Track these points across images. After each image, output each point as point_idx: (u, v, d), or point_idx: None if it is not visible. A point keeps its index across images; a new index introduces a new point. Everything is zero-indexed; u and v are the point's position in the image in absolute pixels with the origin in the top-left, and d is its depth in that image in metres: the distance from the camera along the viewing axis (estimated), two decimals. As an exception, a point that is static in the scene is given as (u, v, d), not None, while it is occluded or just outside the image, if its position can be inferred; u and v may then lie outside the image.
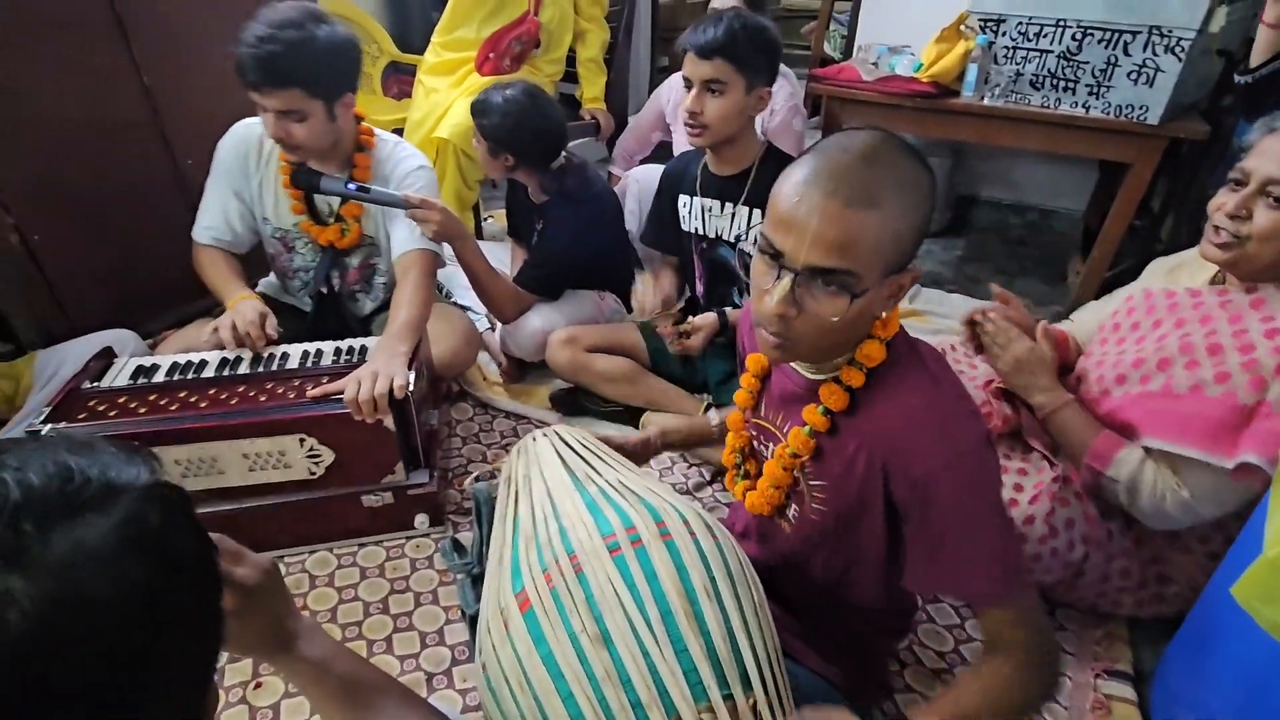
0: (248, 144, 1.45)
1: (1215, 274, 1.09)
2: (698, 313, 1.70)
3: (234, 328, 1.33)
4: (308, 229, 1.50)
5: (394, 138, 1.53)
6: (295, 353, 1.37)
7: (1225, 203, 0.99)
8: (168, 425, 1.17)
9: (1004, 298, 1.24)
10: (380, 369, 1.20)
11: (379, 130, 1.51)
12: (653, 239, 1.78)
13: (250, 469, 1.22)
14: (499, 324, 1.82)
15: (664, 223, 1.69)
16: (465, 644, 1.16)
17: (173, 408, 1.21)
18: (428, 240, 1.44)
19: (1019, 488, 1.13)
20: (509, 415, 1.74)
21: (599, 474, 0.93)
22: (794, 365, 0.89)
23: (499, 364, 1.87)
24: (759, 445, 1.02)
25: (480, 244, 1.66)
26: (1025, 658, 0.77)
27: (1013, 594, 0.78)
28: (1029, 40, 1.89)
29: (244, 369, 1.32)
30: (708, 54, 1.36)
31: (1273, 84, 1.45)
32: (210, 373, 1.31)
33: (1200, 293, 1.06)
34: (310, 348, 1.39)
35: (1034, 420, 1.18)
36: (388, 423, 1.21)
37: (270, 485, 1.25)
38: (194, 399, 1.23)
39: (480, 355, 1.86)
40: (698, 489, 1.50)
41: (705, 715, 0.68)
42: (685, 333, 1.53)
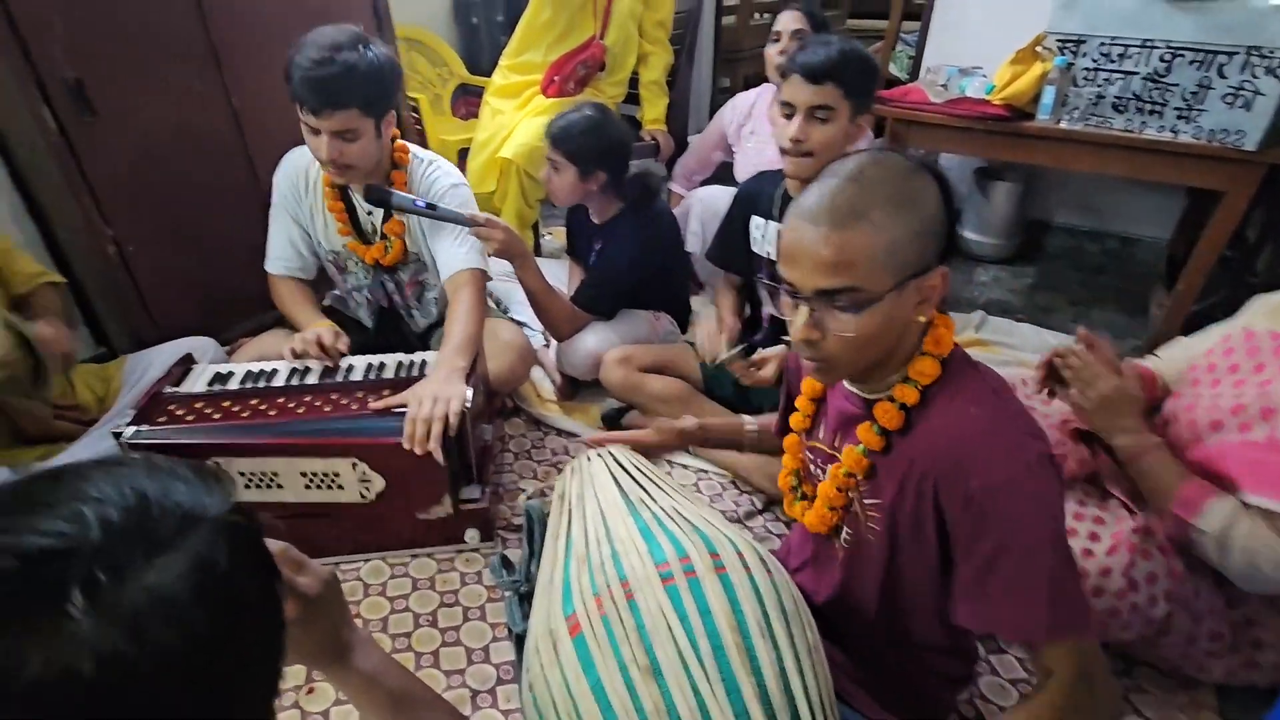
0: (296, 171, 1.51)
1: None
2: (756, 330, 1.68)
3: (310, 342, 1.39)
4: (354, 249, 1.55)
5: (428, 154, 1.55)
6: (360, 365, 1.42)
7: None
8: (234, 439, 1.22)
9: (1089, 339, 1.14)
10: (439, 390, 1.23)
11: (413, 147, 1.53)
12: (719, 257, 1.76)
13: (306, 487, 1.26)
14: (554, 341, 1.84)
15: (733, 242, 1.67)
16: (511, 663, 1.16)
17: (244, 415, 1.26)
18: (476, 258, 1.47)
19: (1095, 537, 1.06)
20: (561, 432, 1.75)
21: (653, 499, 0.92)
22: (849, 386, 0.88)
23: (553, 381, 1.89)
24: (815, 469, 0.99)
25: (538, 261, 1.68)
26: (1075, 693, 0.72)
27: (1068, 633, 0.73)
28: (1112, 62, 1.81)
29: (312, 379, 1.37)
30: (818, 78, 1.30)
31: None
32: (281, 381, 1.36)
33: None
34: (374, 360, 1.44)
35: (1114, 465, 1.10)
36: (437, 455, 1.22)
37: (327, 505, 1.28)
38: (264, 407, 1.29)
39: (535, 371, 1.88)
40: (748, 517, 1.47)
41: (756, 761, 0.66)
42: (756, 364, 1.49)
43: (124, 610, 0.33)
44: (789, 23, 1.95)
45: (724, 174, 2.33)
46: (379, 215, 1.51)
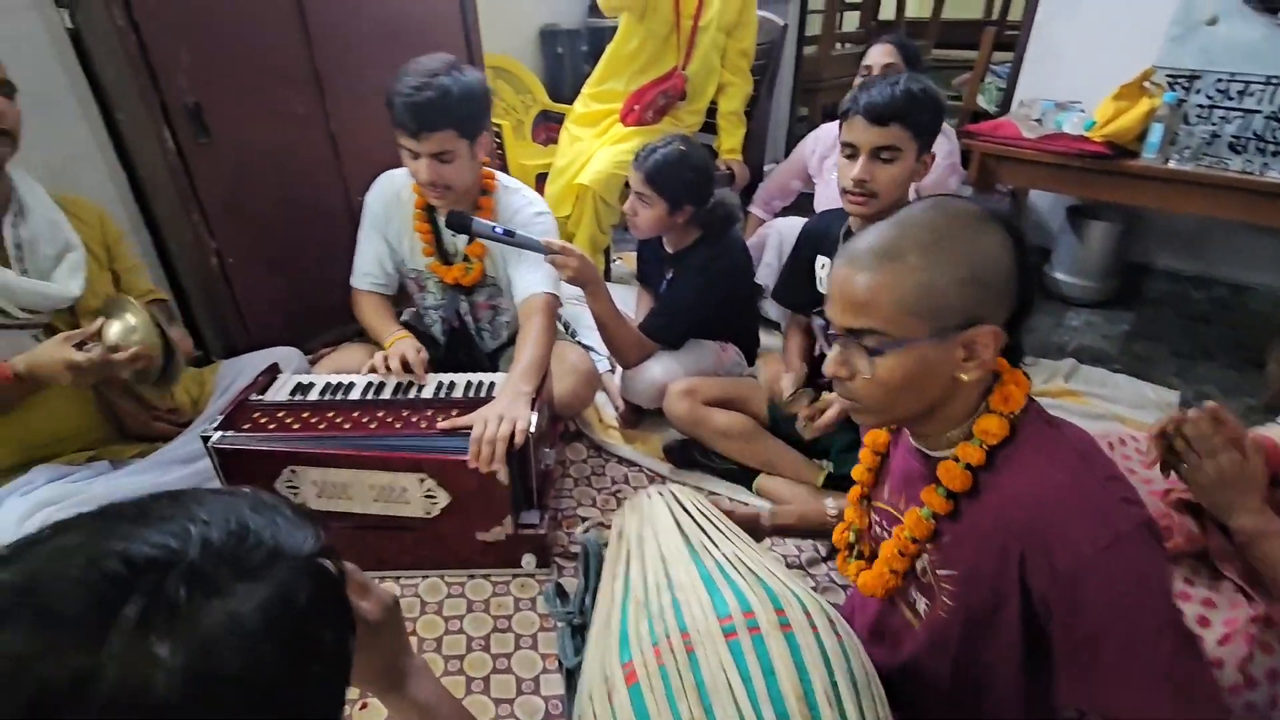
0: (389, 194, 1.59)
1: None
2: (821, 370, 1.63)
3: (388, 360, 1.44)
4: (436, 269, 1.61)
5: (514, 182, 1.60)
6: (430, 383, 1.45)
7: None
8: (309, 449, 1.26)
9: (1216, 412, 0.98)
10: (505, 410, 1.24)
11: (499, 175, 1.59)
12: (785, 297, 1.72)
13: (374, 499, 1.29)
14: (619, 367, 1.84)
15: (799, 281, 1.63)
16: (560, 698, 1.14)
17: (321, 426, 1.31)
18: (550, 283, 1.50)
19: (1204, 621, 0.96)
20: (622, 461, 1.74)
21: (715, 545, 0.89)
22: (914, 442, 0.83)
23: (616, 408, 1.89)
24: (879, 529, 0.94)
25: (608, 286, 1.69)
26: None
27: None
28: (1229, 99, 1.69)
29: (385, 395, 1.41)
30: (883, 119, 1.26)
31: None
32: (356, 395, 1.41)
33: None
34: (444, 379, 1.47)
35: (1227, 543, 1.00)
36: (501, 475, 1.23)
37: (392, 518, 1.31)
38: (340, 420, 1.33)
39: (598, 397, 1.88)
40: (810, 565, 1.41)
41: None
42: (814, 414, 1.44)
43: (201, 629, 0.34)
44: (880, 56, 1.89)
45: (804, 203, 2.29)
46: (462, 239, 1.56)
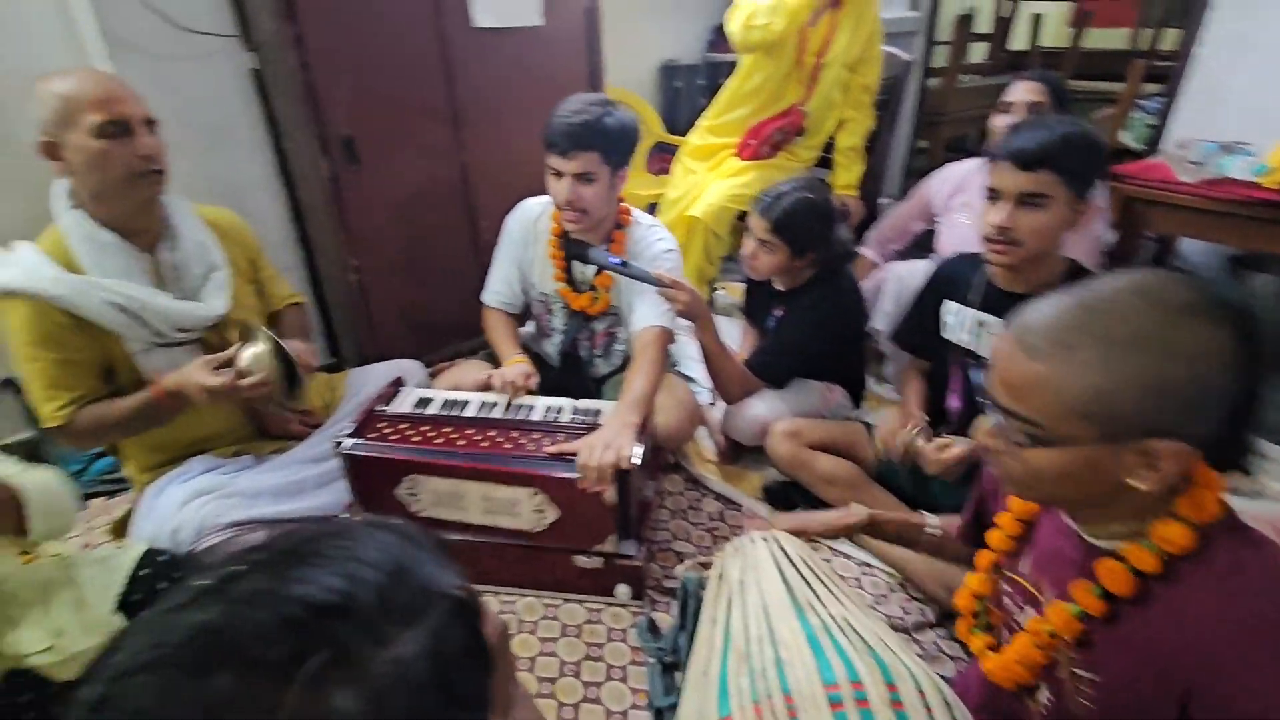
0: (528, 218, 1.68)
1: None
2: (942, 422, 1.54)
3: (503, 382, 1.52)
4: (564, 295, 1.67)
5: (649, 218, 1.65)
6: (540, 406, 1.50)
7: None
8: (430, 459, 1.33)
9: None
10: (611, 440, 1.26)
11: (635, 210, 1.64)
12: (907, 340, 1.65)
13: (486, 510, 1.35)
14: (721, 402, 1.83)
15: (923, 326, 1.56)
16: (648, 735, 1.13)
17: (438, 441, 1.38)
18: (666, 317, 1.53)
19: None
20: (719, 496, 1.72)
21: (822, 603, 0.86)
22: (1070, 522, 0.76)
23: (716, 442, 1.87)
24: (1009, 601, 0.87)
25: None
26: None
27: None
28: None
29: (497, 414, 1.48)
30: (1030, 164, 1.18)
31: None
32: (471, 412, 1.48)
33: None
34: (553, 403, 1.51)
35: None
36: (608, 495, 1.26)
37: (499, 529, 1.36)
38: (455, 436, 1.40)
39: (699, 430, 1.88)
40: (917, 629, 1.33)
41: None
42: (946, 444, 1.37)
43: (373, 678, 0.34)
44: (1025, 94, 1.76)
45: (923, 242, 2.19)
46: (591, 268, 1.63)
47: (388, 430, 1.42)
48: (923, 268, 1.89)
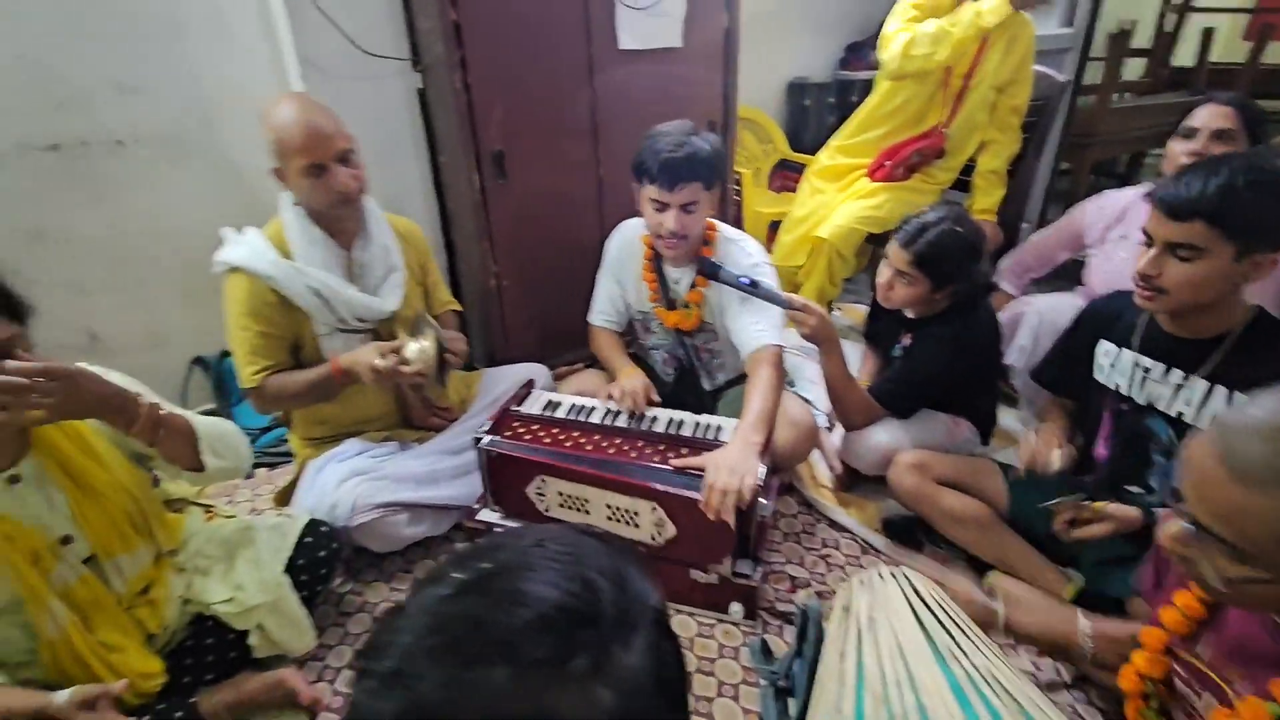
0: (626, 241, 1.75)
1: None
2: (1088, 470, 1.44)
3: (624, 393, 1.57)
4: (660, 313, 1.72)
5: (735, 233, 1.66)
6: (663, 418, 1.54)
7: None
8: (561, 462, 1.40)
9: None
10: (737, 463, 1.28)
11: (720, 225, 1.66)
12: (1050, 378, 1.55)
13: (608, 518, 1.40)
14: (838, 426, 1.79)
15: (1070, 364, 1.46)
16: (759, 758, 1.13)
17: (567, 444, 1.45)
18: (777, 335, 1.53)
19: None
20: (833, 524, 1.69)
21: (964, 653, 0.84)
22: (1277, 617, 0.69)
23: (831, 467, 1.84)
24: (1183, 685, 0.80)
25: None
26: None
27: None
28: None
29: (622, 422, 1.53)
30: (1180, 215, 1.09)
31: None
32: (597, 419, 1.54)
33: None
34: (675, 416, 1.55)
35: None
36: (729, 521, 1.27)
37: (618, 537, 1.40)
38: (583, 440, 1.47)
39: (813, 453, 1.85)
40: (1050, 689, 1.25)
41: None
42: (1084, 519, 1.25)
43: (625, 677, 0.37)
44: (1211, 119, 1.55)
45: (1070, 271, 2.05)
46: (684, 286, 1.67)
47: (521, 430, 1.50)
48: (1069, 303, 1.77)
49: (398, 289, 1.57)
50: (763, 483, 1.28)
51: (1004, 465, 1.58)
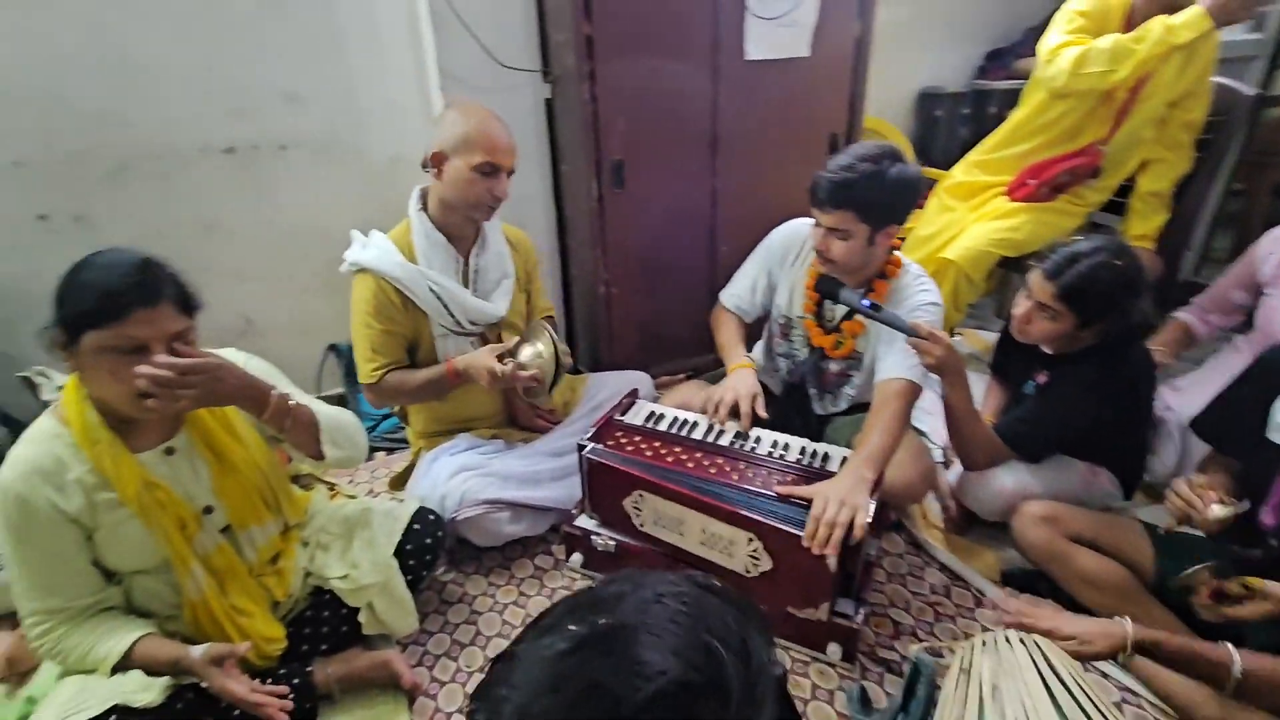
0: (795, 238, 1.67)
1: None
2: (1251, 539, 1.26)
3: (726, 405, 1.52)
4: (809, 326, 1.64)
5: (919, 270, 1.56)
6: (766, 440, 1.50)
7: None
8: (658, 480, 1.38)
9: None
10: (847, 496, 1.21)
11: (908, 262, 1.55)
12: (1211, 431, 1.37)
13: (702, 543, 1.37)
14: (956, 463, 1.67)
15: (1239, 418, 1.29)
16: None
17: (668, 459, 1.44)
18: (916, 371, 1.43)
19: None
20: (944, 568, 1.57)
21: (1104, 743, 0.75)
22: None
23: (944, 506, 1.72)
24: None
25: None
26: None
27: None
28: None
29: (725, 440, 1.50)
30: None
31: None
32: (699, 435, 1.52)
33: None
34: (780, 439, 1.50)
35: None
36: (831, 562, 1.21)
37: (714, 565, 1.37)
38: (684, 456, 1.45)
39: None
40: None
41: None
42: (1233, 595, 1.10)
43: None
44: None
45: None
46: (841, 309, 1.58)
47: (624, 440, 1.51)
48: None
49: (507, 295, 1.63)
50: (871, 521, 1.21)
51: (1150, 525, 1.41)
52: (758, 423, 1.53)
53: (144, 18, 1.68)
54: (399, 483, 1.76)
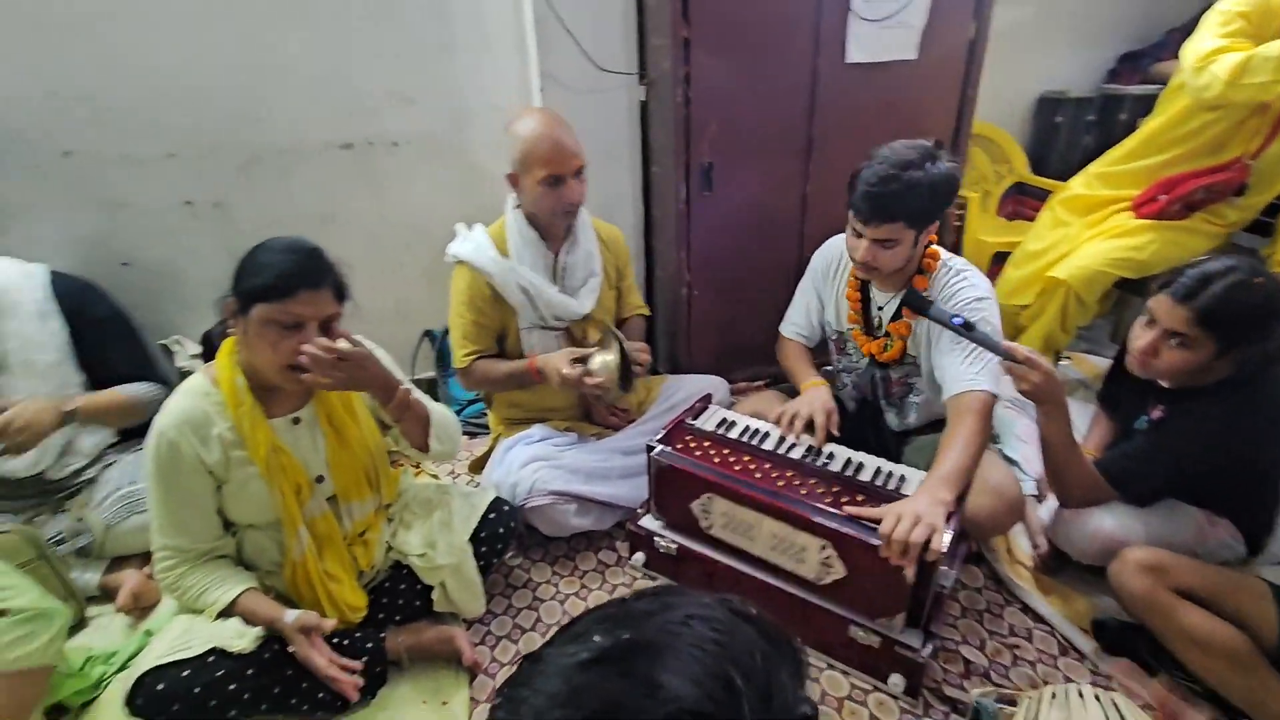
0: (833, 253, 1.66)
1: None
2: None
3: (801, 419, 1.49)
4: (857, 336, 1.61)
5: (959, 262, 1.49)
6: (840, 456, 1.45)
7: None
8: (731, 483, 1.37)
9: None
10: (923, 514, 1.16)
11: (943, 253, 1.50)
12: None
13: (772, 548, 1.35)
14: (1049, 498, 1.55)
15: None
16: None
17: (736, 467, 1.43)
18: (989, 380, 1.35)
19: None
20: (1026, 609, 1.47)
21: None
22: None
23: (1033, 544, 1.60)
24: None
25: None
26: None
27: None
28: None
29: (796, 454, 1.46)
30: None
31: None
32: (770, 446, 1.49)
33: None
34: (854, 456, 1.45)
35: None
36: (908, 572, 1.16)
37: (780, 570, 1.36)
38: (753, 466, 1.43)
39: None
40: None
41: None
42: None
43: None
44: None
45: None
46: (888, 312, 1.54)
47: (693, 444, 1.51)
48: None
49: (594, 293, 1.68)
50: (947, 548, 1.15)
51: (1277, 588, 1.26)
52: (831, 440, 1.49)
53: (281, 27, 1.84)
54: (478, 466, 1.85)
